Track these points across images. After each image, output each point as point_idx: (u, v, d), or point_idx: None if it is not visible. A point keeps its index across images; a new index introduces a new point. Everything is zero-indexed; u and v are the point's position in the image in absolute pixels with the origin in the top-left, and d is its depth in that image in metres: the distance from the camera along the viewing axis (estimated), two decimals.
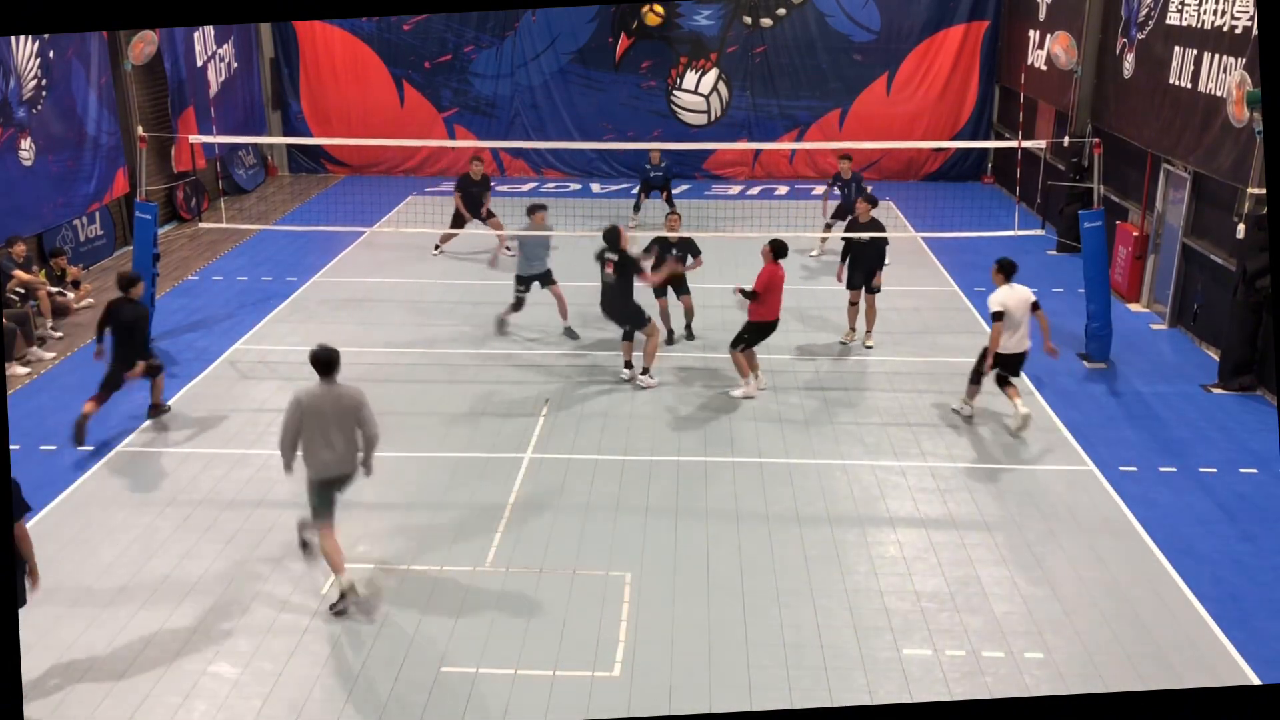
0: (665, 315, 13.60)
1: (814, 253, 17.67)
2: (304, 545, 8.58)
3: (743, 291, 11.87)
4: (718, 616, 8.03)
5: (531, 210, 13.78)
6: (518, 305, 13.79)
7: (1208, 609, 8.16)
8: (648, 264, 12.71)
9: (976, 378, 11.31)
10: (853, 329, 13.76)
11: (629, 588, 8.40)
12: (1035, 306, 11.07)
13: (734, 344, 12.01)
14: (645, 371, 12.35)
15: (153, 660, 7.53)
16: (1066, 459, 10.63)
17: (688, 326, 13.88)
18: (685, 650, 7.65)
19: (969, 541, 9.12)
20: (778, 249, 11.77)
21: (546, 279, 13.82)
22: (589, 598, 8.27)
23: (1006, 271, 11.08)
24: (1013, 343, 10.99)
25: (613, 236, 12.11)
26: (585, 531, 9.24)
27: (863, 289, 13.46)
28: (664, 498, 9.83)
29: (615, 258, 12.02)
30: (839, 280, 13.73)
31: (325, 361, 8.04)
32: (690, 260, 13.29)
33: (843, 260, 13.64)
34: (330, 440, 8.01)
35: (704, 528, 9.29)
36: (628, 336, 12.44)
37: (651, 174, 19.18)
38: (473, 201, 16.96)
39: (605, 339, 13.64)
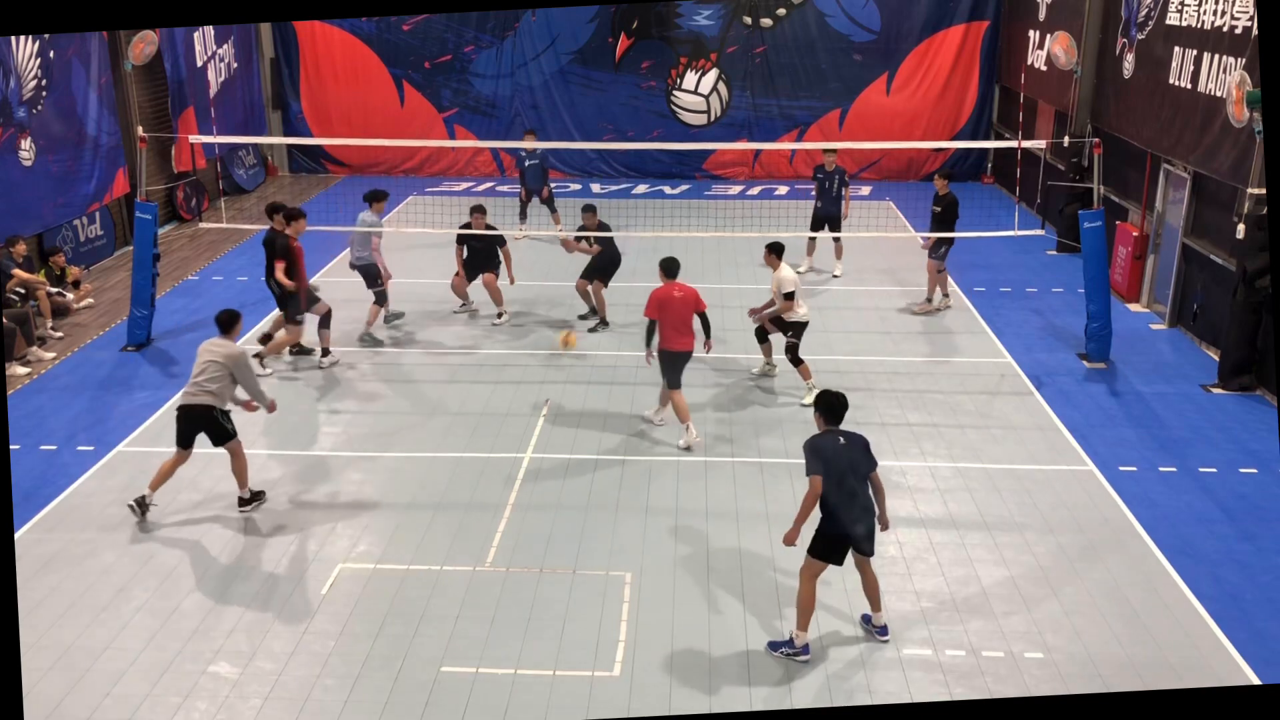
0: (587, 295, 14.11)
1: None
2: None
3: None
4: (718, 617, 8.04)
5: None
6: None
7: (1208, 609, 8.16)
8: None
9: (764, 337, 12.36)
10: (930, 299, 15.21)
11: (629, 588, 8.40)
12: None
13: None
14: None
15: (153, 660, 7.53)
16: (1066, 459, 10.63)
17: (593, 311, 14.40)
18: (685, 650, 7.66)
19: (969, 541, 9.12)
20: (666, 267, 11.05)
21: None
22: (589, 598, 8.27)
23: (779, 253, 12.14)
24: (803, 312, 12.04)
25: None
26: (585, 531, 9.24)
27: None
28: (664, 498, 9.82)
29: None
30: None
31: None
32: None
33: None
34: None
35: (704, 528, 9.29)
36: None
37: (527, 162, 17.21)
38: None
39: (604, 339, 13.64)
